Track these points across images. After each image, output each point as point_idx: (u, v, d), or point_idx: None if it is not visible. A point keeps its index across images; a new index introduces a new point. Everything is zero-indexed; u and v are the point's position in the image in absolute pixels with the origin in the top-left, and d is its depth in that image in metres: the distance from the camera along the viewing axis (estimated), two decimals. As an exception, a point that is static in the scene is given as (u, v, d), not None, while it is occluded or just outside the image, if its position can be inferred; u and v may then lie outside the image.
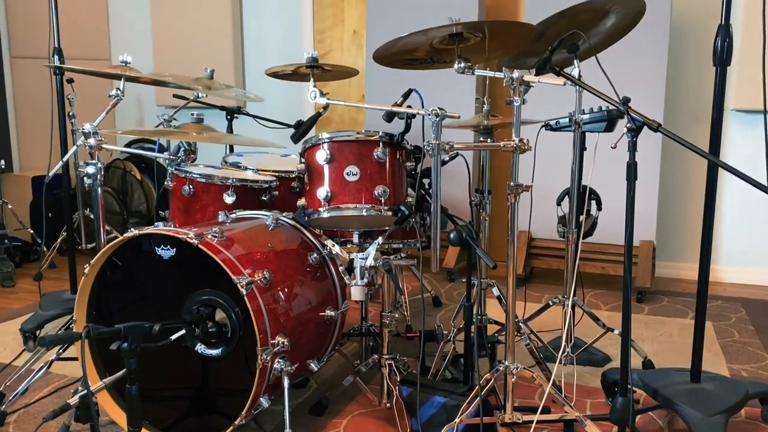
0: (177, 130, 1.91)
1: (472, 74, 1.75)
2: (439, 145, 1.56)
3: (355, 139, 1.87)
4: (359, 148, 1.87)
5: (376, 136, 1.87)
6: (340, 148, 1.87)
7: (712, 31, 3.52)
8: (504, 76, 1.61)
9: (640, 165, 1.61)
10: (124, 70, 2.17)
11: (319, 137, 1.89)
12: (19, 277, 3.75)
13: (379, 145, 1.87)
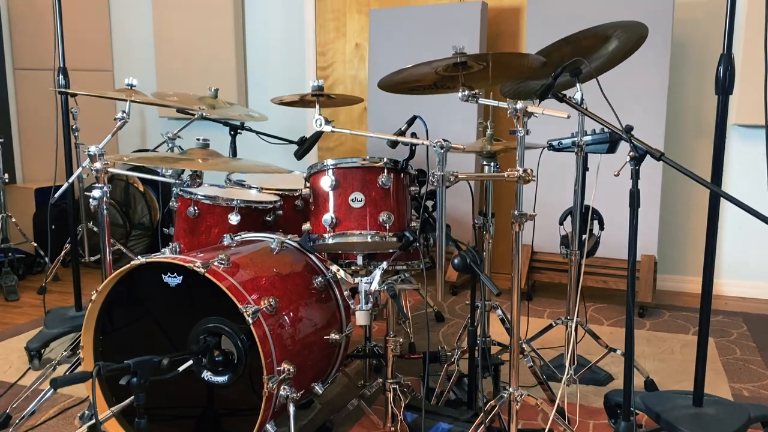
0: (183, 157, 1.93)
1: (476, 102, 1.76)
2: (444, 176, 1.57)
3: (360, 165, 1.88)
4: (364, 174, 1.88)
5: (380, 162, 1.89)
6: (345, 174, 1.89)
7: (714, 45, 3.56)
8: (508, 106, 1.63)
9: (641, 177, 1.63)
10: (129, 93, 2.18)
11: (324, 163, 1.90)
12: (23, 290, 3.77)
13: (383, 171, 1.88)
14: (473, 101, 1.79)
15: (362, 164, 1.88)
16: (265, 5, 4.35)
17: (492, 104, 1.74)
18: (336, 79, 4.28)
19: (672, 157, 3.57)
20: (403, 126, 1.98)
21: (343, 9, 4.17)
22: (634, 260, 1.69)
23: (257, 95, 4.48)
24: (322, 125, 1.83)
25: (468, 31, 3.60)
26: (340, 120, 4.30)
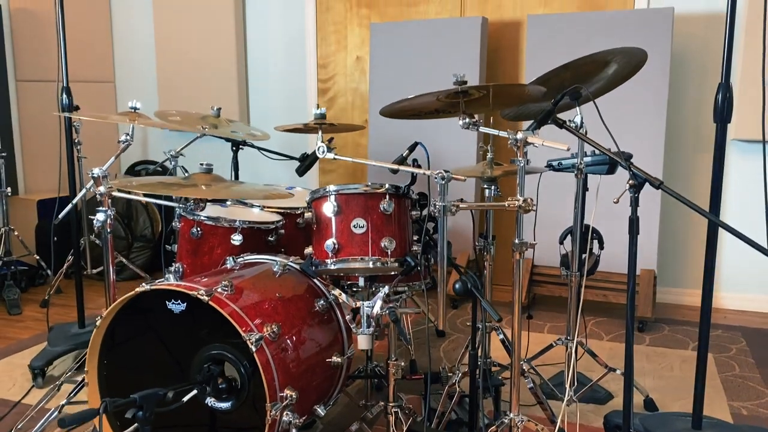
0: (187, 183, 1.95)
1: (476, 130, 1.78)
2: (445, 207, 1.59)
3: (362, 192, 1.90)
4: (366, 200, 1.90)
5: (382, 189, 1.90)
6: (347, 200, 1.90)
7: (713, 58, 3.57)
8: (508, 136, 1.64)
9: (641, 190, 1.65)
10: (132, 117, 2.20)
11: (327, 189, 1.92)
12: (26, 302, 3.78)
13: (385, 197, 1.90)
14: (474, 129, 1.81)
15: (364, 190, 1.90)
16: (266, 17, 4.37)
17: (492, 133, 1.76)
18: (337, 91, 4.30)
19: (672, 171, 3.61)
20: (404, 152, 1.99)
21: (344, 22, 4.19)
22: (633, 288, 1.71)
23: (258, 106, 4.50)
24: (325, 152, 1.85)
25: (468, 46, 3.62)
26: (341, 133, 4.32)
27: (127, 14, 4.74)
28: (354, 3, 4.15)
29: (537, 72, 3.48)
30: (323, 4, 4.22)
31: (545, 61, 3.49)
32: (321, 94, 4.34)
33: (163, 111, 2.78)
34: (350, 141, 4.32)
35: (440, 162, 3.73)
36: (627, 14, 3.36)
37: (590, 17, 3.43)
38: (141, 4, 4.67)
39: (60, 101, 2.69)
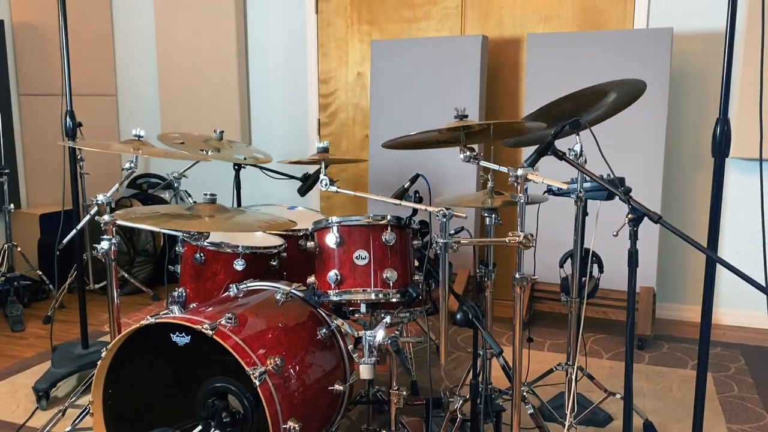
0: (191, 213, 1.97)
1: (477, 164, 1.80)
2: (447, 243, 1.61)
3: (364, 223, 1.92)
4: (368, 232, 1.92)
5: (384, 220, 1.92)
6: (350, 232, 1.92)
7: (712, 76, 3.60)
8: (509, 173, 1.67)
9: (641, 200, 1.65)
10: (137, 145, 2.22)
11: (329, 221, 1.94)
12: (29, 318, 3.80)
13: (387, 228, 1.92)
14: (474, 163, 1.83)
15: (366, 222, 1.92)
16: (267, 33, 4.39)
17: (493, 167, 1.78)
18: (338, 106, 4.32)
19: (671, 187, 3.63)
20: (405, 183, 2.01)
21: (345, 38, 4.22)
22: (632, 323, 1.73)
23: (260, 120, 4.53)
24: (328, 186, 1.87)
25: (469, 64, 3.64)
26: (342, 148, 4.35)
27: (129, 28, 4.76)
28: (355, 19, 4.17)
29: (537, 89, 3.52)
30: (324, 20, 4.24)
31: (545, 78, 3.53)
32: (322, 109, 4.36)
33: (166, 134, 2.80)
34: (351, 156, 4.34)
35: (441, 182, 3.75)
36: (626, 34, 3.38)
37: (590, 36, 3.45)
38: (143, 18, 4.69)
39: (64, 124, 2.71)
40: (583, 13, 3.71)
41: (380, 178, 3.96)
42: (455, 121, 1.82)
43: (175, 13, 4.46)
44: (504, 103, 3.94)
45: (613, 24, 3.66)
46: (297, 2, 4.28)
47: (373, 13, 4.12)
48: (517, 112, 3.91)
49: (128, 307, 4.02)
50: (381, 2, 4.09)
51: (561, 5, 3.74)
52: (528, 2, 3.80)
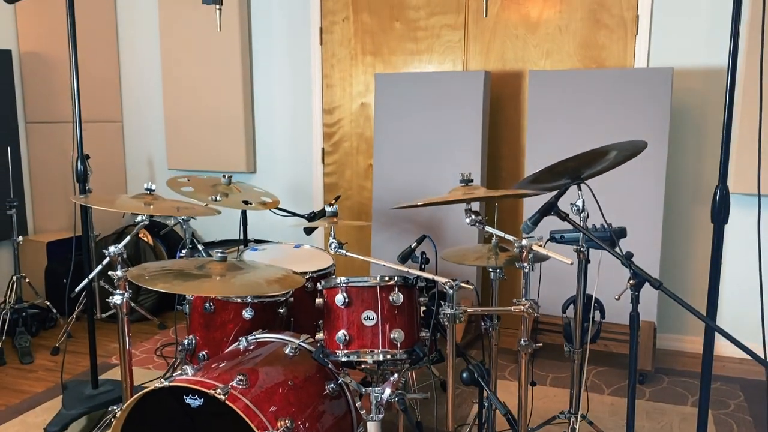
0: (201, 273, 2.01)
1: (482, 228, 1.85)
2: (454, 315, 1.66)
3: (372, 284, 1.96)
4: (376, 293, 1.97)
5: (391, 281, 1.97)
6: (358, 292, 1.97)
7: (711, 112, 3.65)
8: (514, 242, 1.71)
9: (642, 238, 1.68)
10: (148, 200, 2.27)
11: (337, 281, 1.99)
12: (37, 348, 3.85)
13: (394, 289, 1.97)
14: (479, 227, 1.88)
15: (374, 283, 1.97)
16: (272, 62, 4.44)
17: (497, 234, 1.83)
18: (342, 135, 4.37)
19: (671, 222, 3.68)
20: (412, 244, 2.06)
21: (349, 69, 4.27)
22: (634, 385, 1.77)
23: (265, 150, 4.57)
24: (337, 249, 1.92)
25: (471, 98, 3.69)
26: (346, 176, 4.39)
27: (135, 55, 4.81)
28: (359, 51, 4.22)
29: (539, 125, 3.57)
30: (328, 51, 4.29)
31: (547, 114, 3.58)
32: (326, 138, 4.41)
33: (175, 178, 2.85)
34: (355, 185, 4.39)
35: (444, 220, 3.80)
36: (627, 73, 3.43)
37: (591, 74, 3.50)
38: (149, 47, 4.74)
39: (75, 169, 2.76)
40: (584, 49, 3.76)
41: (383, 209, 4.01)
42: (461, 187, 1.87)
43: (181, 43, 4.51)
44: (506, 135, 3.99)
45: (613, 60, 3.71)
46: (301, 34, 4.33)
47: (376, 45, 4.18)
48: (519, 145, 3.96)
49: (135, 335, 4.07)
50: (384, 35, 4.14)
51: (562, 40, 3.79)
52: (529, 37, 3.85)
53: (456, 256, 2.17)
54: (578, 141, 3.54)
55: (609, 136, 3.48)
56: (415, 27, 4.07)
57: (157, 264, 2.24)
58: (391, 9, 4.10)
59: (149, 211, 2.17)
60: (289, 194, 4.55)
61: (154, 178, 4.89)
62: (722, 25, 3.52)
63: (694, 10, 3.55)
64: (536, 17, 3.82)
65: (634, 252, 3.41)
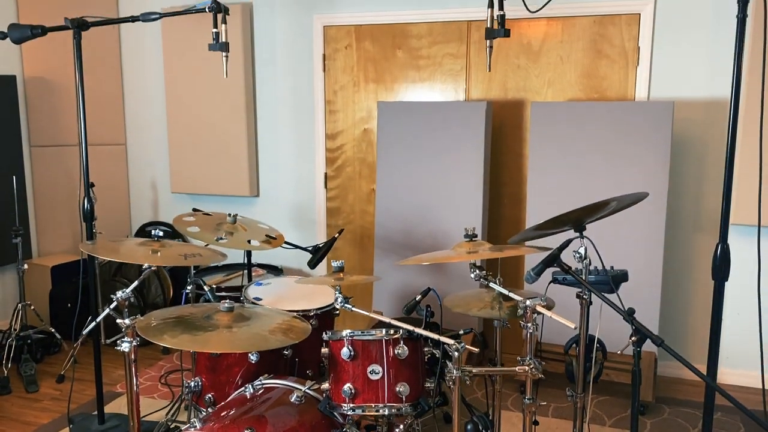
0: (209, 324, 2.04)
1: (486, 286, 1.88)
2: (460, 377, 1.69)
3: (377, 338, 1.99)
4: (381, 346, 1.99)
5: (397, 334, 2.00)
6: (363, 346, 2.00)
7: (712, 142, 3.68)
8: (518, 303, 1.74)
9: (642, 265, 1.67)
10: (155, 247, 2.30)
11: (342, 334, 2.01)
12: (42, 376, 3.87)
13: (399, 342, 2.00)
14: (484, 283, 1.91)
15: (380, 337, 1.99)
16: (275, 88, 4.47)
17: (502, 291, 1.85)
18: (345, 160, 4.40)
19: (672, 250, 3.71)
20: (417, 296, 2.09)
21: (352, 96, 4.29)
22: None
23: (268, 174, 4.60)
24: (343, 304, 1.95)
25: (473, 128, 3.72)
26: (349, 201, 4.42)
27: (138, 78, 4.84)
28: (361, 78, 4.25)
29: (541, 155, 3.60)
30: (331, 77, 4.32)
31: (549, 145, 3.61)
32: (329, 163, 4.44)
33: (180, 217, 2.88)
34: (357, 209, 4.41)
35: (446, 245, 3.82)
36: (628, 106, 3.46)
37: (592, 107, 3.53)
38: (153, 69, 4.77)
39: (81, 208, 2.79)
40: (585, 78, 3.79)
41: (386, 235, 4.03)
42: (465, 243, 1.89)
43: (185, 69, 4.53)
44: (507, 162, 4.02)
45: (615, 89, 3.74)
46: (305, 60, 4.36)
47: (379, 73, 4.20)
48: (521, 174, 3.99)
49: (139, 361, 4.07)
50: (387, 62, 4.17)
51: (564, 70, 3.82)
52: (531, 66, 3.88)
53: (460, 304, 2.19)
54: (580, 172, 3.56)
55: (610, 168, 3.51)
56: (417, 55, 4.10)
57: (163, 312, 2.27)
58: (393, 37, 4.13)
59: (156, 260, 2.20)
60: (291, 218, 4.58)
61: (157, 200, 4.92)
62: (722, 56, 3.55)
63: (695, 42, 3.57)
64: (538, 47, 3.85)
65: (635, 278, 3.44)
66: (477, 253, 1.85)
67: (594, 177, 3.54)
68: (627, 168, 3.49)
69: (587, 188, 3.55)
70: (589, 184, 3.56)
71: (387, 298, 4.05)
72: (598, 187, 3.53)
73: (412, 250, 3.96)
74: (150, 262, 2.19)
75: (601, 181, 3.53)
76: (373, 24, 4.15)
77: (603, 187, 3.53)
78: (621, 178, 3.50)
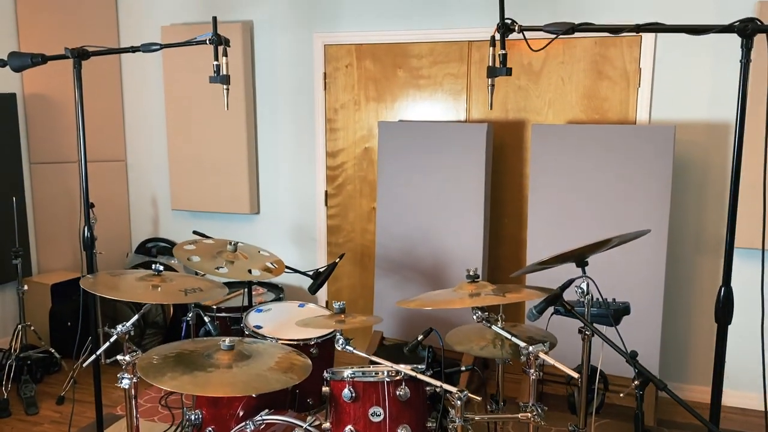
0: (210, 362, 2.03)
1: (489, 327, 1.87)
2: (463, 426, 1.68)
3: (379, 380, 1.98)
4: (383, 388, 1.98)
5: (399, 376, 1.99)
6: (365, 387, 1.99)
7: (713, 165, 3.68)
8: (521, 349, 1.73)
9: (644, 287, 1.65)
10: (156, 282, 2.29)
11: (344, 375, 2.00)
12: (42, 396, 3.86)
13: (402, 384, 1.99)
14: (487, 325, 1.90)
15: (381, 378, 1.98)
16: (276, 105, 4.46)
17: (505, 335, 1.84)
18: (345, 178, 4.39)
19: (674, 273, 3.71)
20: (419, 336, 2.08)
21: (353, 115, 4.29)
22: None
23: (268, 192, 4.59)
24: (344, 346, 1.94)
25: (474, 149, 3.72)
26: (349, 219, 4.41)
27: (139, 95, 4.84)
28: (362, 97, 4.24)
29: (542, 177, 3.59)
30: (332, 96, 4.32)
31: (550, 167, 3.60)
32: (330, 181, 4.43)
33: (181, 246, 2.87)
34: (357, 227, 4.40)
35: (444, 270, 3.82)
36: (629, 129, 3.45)
37: (593, 130, 3.52)
38: (153, 86, 4.76)
39: (81, 236, 2.78)
40: (586, 99, 3.78)
41: (386, 255, 4.03)
42: (466, 284, 1.88)
43: (185, 85, 4.53)
44: (508, 182, 4.01)
45: (616, 111, 3.73)
46: (305, 78, 4.35)
47: (379, 92, 4.20)
48: (522, 194, 3.98)
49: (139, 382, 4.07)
50: (387, 82, 4.16)
51: (565, 91, 3.81)
52: (532, 86, 3.87)
53: (462, 341, 2.18)
54: (581, 194, 3.55)
55: (611, 191, 3.50)
56: (418, 75, 4.09)
57: (164, 348, 2.26)
58: (394, 57, 4.12)
59: (156, 297, 2.19)
60: (292, 236, 4.57)
61: (157, 217, 4.91)
62: (724, 79, 3.54)
63: (696, 64, 3.57)
64: (539, 67, 3.84)
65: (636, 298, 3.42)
66: (479, 297, 1.84)
67: (595, 199, 3.53)
68: (628, 191, 3.48)
69: (588, 210, 3.54)
70: (590, 206, 3.55)
71: (387, 318, 4.04)
72: (600, 209, 3.52)
73: (414, 271, 3.95)
74: (150, 300, 2.18)
75: (602, 203, 3.52)
76: (374, 43, 4.14)
77: (604, 209, 3.52)
78: (622, 201, 3.49)
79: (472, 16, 3.92)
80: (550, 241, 3.63)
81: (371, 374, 2.00)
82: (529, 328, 2.37)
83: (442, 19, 3.98)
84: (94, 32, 4.68)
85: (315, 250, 4.52)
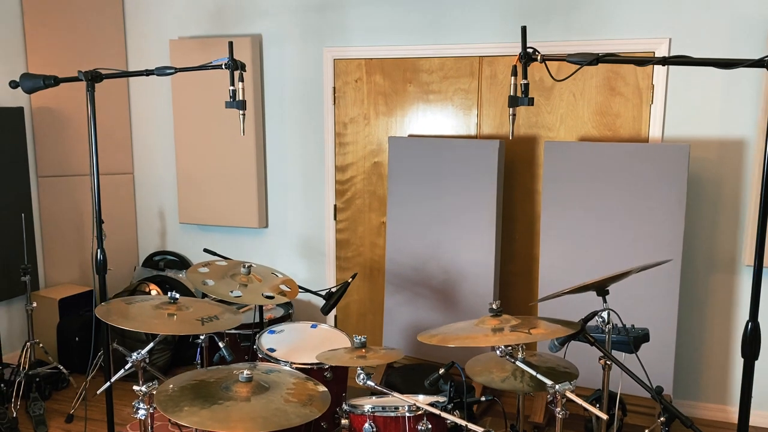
0: (228, 394, 2.01)
1: (513, 362, 1.84)
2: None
3: (400, 415, 1.96)
4: (404, 423, 1.96)
5: (420, 411, 1.97)
6: (385, 422, 1.97)
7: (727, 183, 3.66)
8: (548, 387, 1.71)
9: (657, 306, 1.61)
10: (172, 310, 2.27)
11: (364, 410, 1.98)
12: (50, 414, 3.84)
13: (423, 419, 1.96)
14: (511, 360, 1.87)
15: (402, 413, 1.96)
16: (285, 119, 4.44)
17: (529, 371, 1.82)
18: (354, 193, 4.37)
19: (687, 291, 3.68)
20: (440, 370, 2.06)
21: (363, 129, 4.27)
22: None
23: (277, 206, 4.57)
24: (365, 381, 1.91)
25: (486, 166, 3.69)
26: (358, 233, 4.39)
27: (146, 108, 4.81)
28: (372, 111, 4.22)
29: (554, 194, 3.58)
30: (342, 110, 4.29)
31: (562, 184, 3.58)
32: (339, 195, 4.41)
33: (195, 269, 2.85)
34: (367, 241, 4.38)
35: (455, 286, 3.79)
36: (642, 147, 3.43)
37: (606, 147, 3.50)
38: (161, 100, 4.74)
39: (94, 259, 2.76)
40: (598, 116, 3.76)
41: (397, 270, 4.01)
42: (490, 318, 1.86)
43: (193, 98, 4.50)
44: (520, 198, 3.99)
45: (628, 127, 3.71)
46: (315, 92, 4.33)
47: (389, 107, 4.17)
48: (534, 210, 3.96)
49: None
50: (397, 96, 4.14)
51: (577, 106, 3.79)
52: (543, 103, 3.85)
53: (482, 372, 2.16)
54: (594, 211, 3.53)
55: (625, 208, 3.48)
56: (428, 90, 4.07)
57: (180, 378, 2.24)
58: (404, 72, 4.10)
59: (172, 328, 2.17)
60: (301, 250, 4.55)
61: (165, 230, 4.89)
62: (737, 95, 3.52)
63: (709, 81, 3.54)
64: (550, 83, 3.82)
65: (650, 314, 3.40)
66: (503, 333, 1.82)
67: (608, 217, 3.51)
68: (641, 209, 3.46)
69: (602, 228, 3.52)
70: (603, 224, 3.52)
71: (398, 335, 4.02)
72: (613, 228, 3.50)
73: (425, 287, 3.93)
74: (166, 331, 2.16)
75: (615, 222, 3.49)
76: (384, 58, 4.12)
77: (617, 227, 3.49)
78: (635, 219, 3.47)
79: (482, 32, 3.89)
80: (562, 257, 3.60)
81: (392, 409, 1.98)
82: (548, 356, 2.34)
83: (453, 34, 3.95)
84: (102, 45, 4.66)
85: (324, 265, 4.50)
